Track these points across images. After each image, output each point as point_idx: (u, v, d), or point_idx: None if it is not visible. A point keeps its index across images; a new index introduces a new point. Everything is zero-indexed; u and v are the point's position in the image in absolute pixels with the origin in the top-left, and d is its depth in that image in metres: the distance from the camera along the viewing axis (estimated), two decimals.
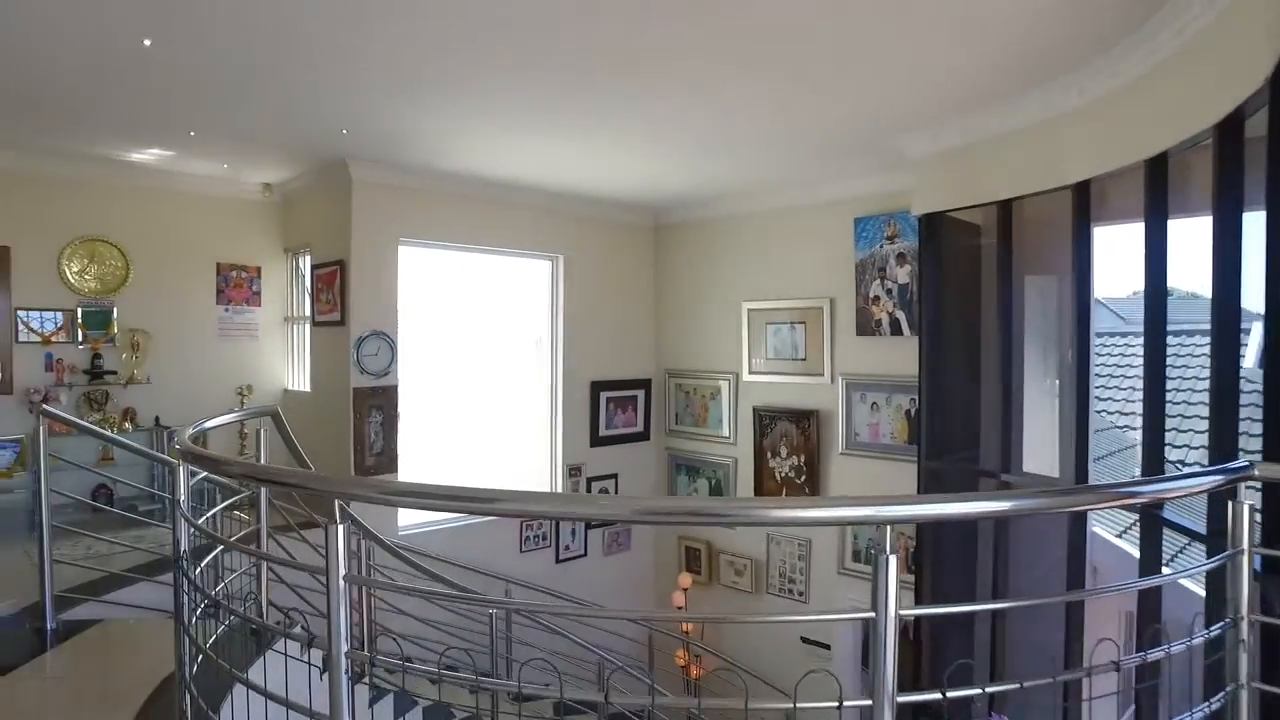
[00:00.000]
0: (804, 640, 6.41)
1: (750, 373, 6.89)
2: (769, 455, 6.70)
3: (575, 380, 7.00)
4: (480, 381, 6.67)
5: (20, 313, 5.50)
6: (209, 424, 3.00)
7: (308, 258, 6.19)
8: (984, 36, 3.33)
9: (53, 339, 5.61)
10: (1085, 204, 3.77)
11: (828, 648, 6.28)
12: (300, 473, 1.79)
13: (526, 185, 6.26)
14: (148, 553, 4.38)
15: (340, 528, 1.57)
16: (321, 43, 3.46)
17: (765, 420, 6.73)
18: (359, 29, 3.30)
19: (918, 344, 5.11)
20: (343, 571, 1.58)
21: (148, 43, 3.41)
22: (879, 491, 5.94)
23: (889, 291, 5.88)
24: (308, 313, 6.20)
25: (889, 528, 1.43)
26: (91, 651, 3.51)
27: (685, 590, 6.92)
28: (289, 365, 6.57)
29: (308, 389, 6.22)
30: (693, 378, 7.37)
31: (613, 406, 7.26)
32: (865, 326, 6.03)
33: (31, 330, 5.54)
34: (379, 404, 5.71)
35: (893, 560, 1.40)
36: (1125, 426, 7.07)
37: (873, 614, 1.41)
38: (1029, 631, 4.42)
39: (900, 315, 5.81)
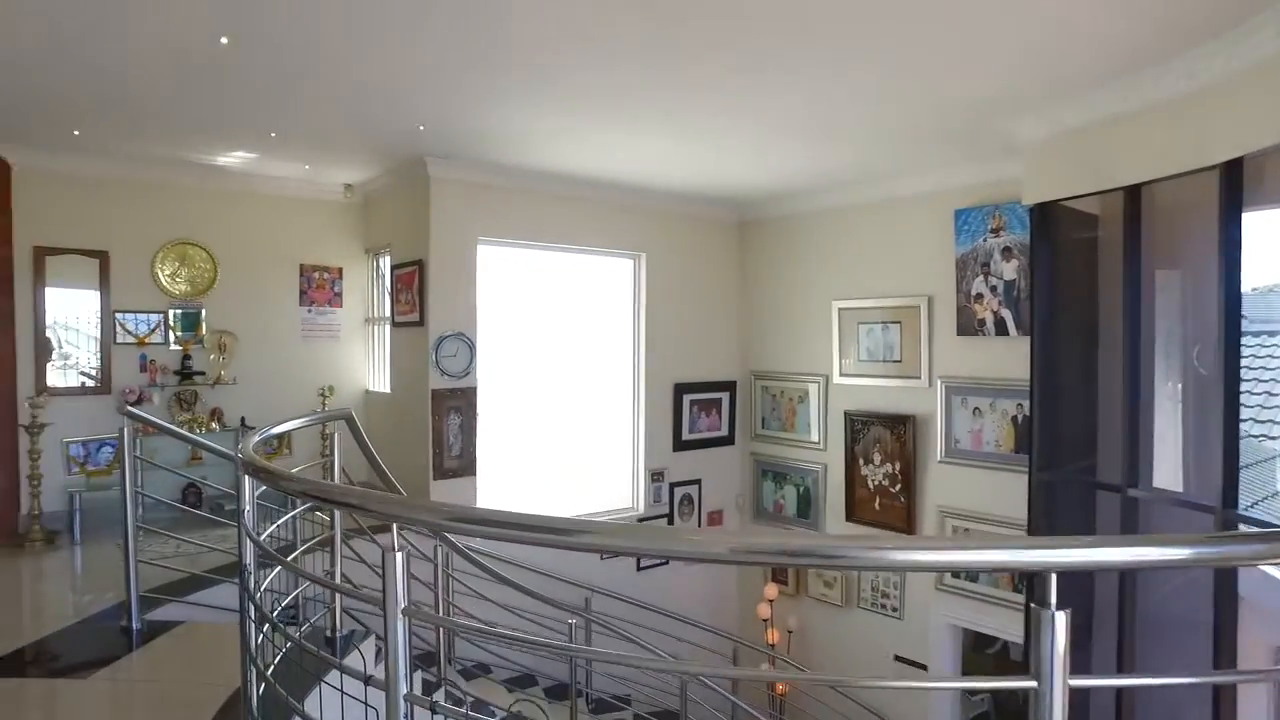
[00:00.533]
0: (898, 659, 6.04)
1: (841, 375, 6.54)
2: (861, 462, 6.34)
3: (658, 382, 6.79)
4: (560, 383, 6.53)
5: (118, 314, 5.64)
6: (275, 430, 2.90)
7: (388, 258, 6.16)
8: None
9: (147, 340, 5.74)
10: (1236, 185, 3.32)
11: (924, 668, 5.89)
12: (359, 492, 1.62)
13: (607, 181, 6.08)
14: (229, 554, 4.38)
15: (398, 555, 1.38)
16: (396, 37, 3.34)
17: (857, 425, 6.37)
18: (434, 22, 3.16)
19: (1029, 345, 4.68)
20: (402, 605, 1.39)
21: (224, 40, 3.36)
22: (983, 503, 5.52)
23: (993, 289, 5.45)
24: (388, 313, 6.18)
25: (1053, 576, 1.15)
26: (172, 655, 3.48)
27: (771, 602, 6.62)
28: (370, 366, 6.57)
29: (388, 390, 6.20)
30: (780, 380, 7.06)
31: (696, 409, 7.02)
32: (967, 326, 5.62)
33: (128, 331, 5.68)
34: (458, 405, 5.62)
35: (1060, 618, 1.12)
36: (1262, 436, 6.41)
37: (1033, 683, 1.13)
38: (1159, 652, 3.98)
39: (1006, 314, 5.38)
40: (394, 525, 1.41)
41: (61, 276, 5.48)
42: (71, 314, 5.57)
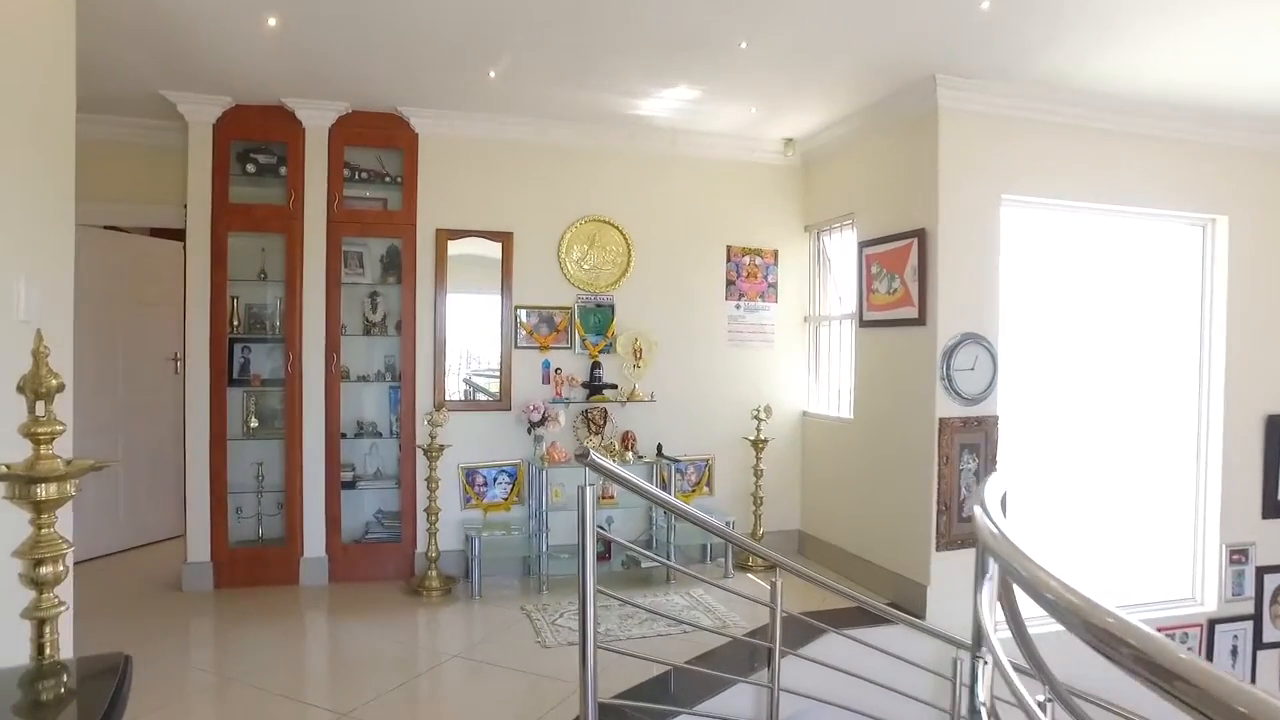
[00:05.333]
0: None
1: None
2: None
3: (1240, 412, 4.43)
4: (1081, 409, 4.42)
5: (519, 311, 4.57)
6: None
7: (846, 232, 4.54)
8: None
9: (550, 344, 4.61)
10: None
11: None
12: None
13: (1170, 103, 3.98)
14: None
15: None
16: None
17: None
18: None
19: None
20: None
21: None
22: None
23: None
24: (849, 309, 4.54)
25: None
26: None
27: None
28: (808, 380, 4.97)
29: (846, 415, 4.53)
30: None
31: None
32: None
33: (529, 333, 4.59)
34: (974, 442, 3.80)
35: None
36: None
37: None
38: None
39: None
40: None
41: (462, 265, 4.51)
42: (470, 310, 4.59)
